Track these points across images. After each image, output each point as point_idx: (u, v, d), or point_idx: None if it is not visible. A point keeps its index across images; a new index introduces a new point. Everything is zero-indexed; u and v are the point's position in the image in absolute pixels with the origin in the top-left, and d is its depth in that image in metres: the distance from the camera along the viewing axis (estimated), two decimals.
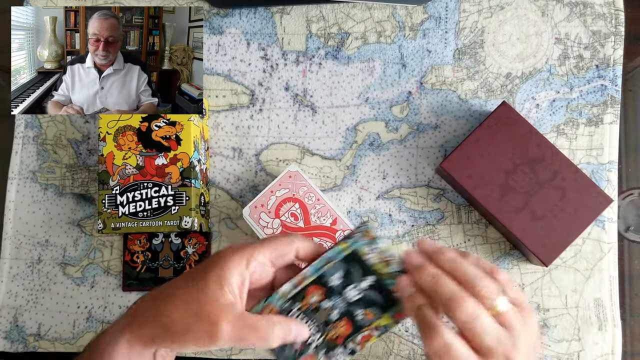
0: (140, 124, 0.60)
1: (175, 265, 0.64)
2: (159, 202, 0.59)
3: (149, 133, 0.60)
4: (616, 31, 0.65)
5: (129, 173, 0.59)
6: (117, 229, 0.59)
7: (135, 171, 0.59)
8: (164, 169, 0.59)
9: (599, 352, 0.62)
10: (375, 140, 0.66)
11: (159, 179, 0.59)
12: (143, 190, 0.59)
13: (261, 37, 0.68)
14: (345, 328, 0.45)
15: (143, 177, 0.59)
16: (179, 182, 0.59)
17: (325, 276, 0.46)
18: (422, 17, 0.67)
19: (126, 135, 0.60)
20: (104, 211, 0.59)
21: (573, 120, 0.65)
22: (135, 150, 0.60)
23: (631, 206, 0.65)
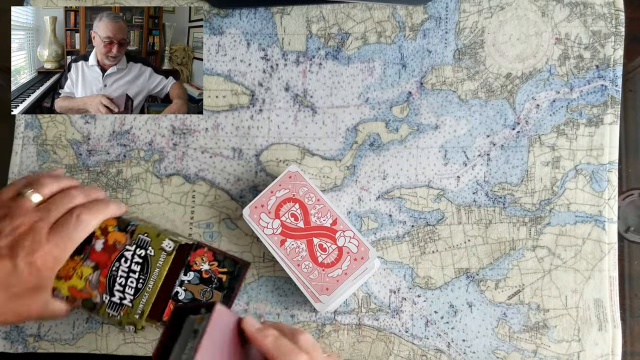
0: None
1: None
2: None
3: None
4: (616, 31, 0.65)
5: (95, 282, 0.58)
6: (140, 319, 0.58)
7: (95, 280, 0.58)
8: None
9: (599, 353, 0.62)
10: (375, 140, 0.66)
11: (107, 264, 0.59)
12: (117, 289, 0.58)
13: (261, 37, 0.68)
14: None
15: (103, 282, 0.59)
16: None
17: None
18: (422, 17, 0.67)
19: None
20: (117, 319, 0.57)
21: (573, 121, 0.65)
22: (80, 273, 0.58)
23: (631, 207, 0.65)
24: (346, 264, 0.59)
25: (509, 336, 0.63)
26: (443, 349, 0.63)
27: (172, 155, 0.67)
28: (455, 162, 0.65)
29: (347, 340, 0.64)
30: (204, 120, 0.67)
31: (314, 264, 0.60)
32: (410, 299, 0.64)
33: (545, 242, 0.64)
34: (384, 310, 0.64)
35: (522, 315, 0.63)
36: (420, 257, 0.64)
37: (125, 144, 0.67)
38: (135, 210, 0.66)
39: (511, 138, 0.65)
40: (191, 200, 0.67)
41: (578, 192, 0.64)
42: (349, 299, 0.64)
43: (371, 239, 0.65)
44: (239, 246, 0.65)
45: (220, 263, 0.61)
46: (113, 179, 0.67)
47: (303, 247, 0.60)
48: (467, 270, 0.64)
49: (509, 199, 0.64)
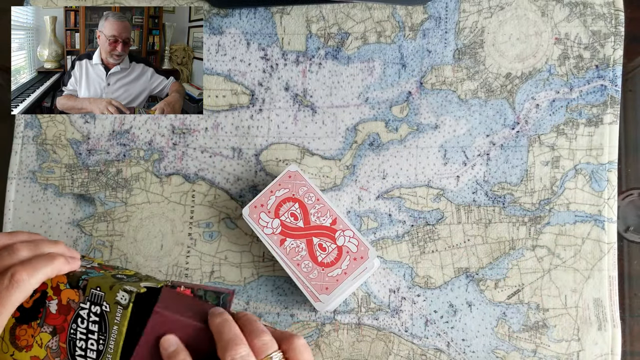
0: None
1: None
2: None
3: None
4: (616, 31, 0.65)
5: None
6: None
7: (55, 346, 0.52)
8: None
9: (598, 352, 0.62)
10: (375, 140, 0.66)
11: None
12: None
13: (261, 37, 0.68)
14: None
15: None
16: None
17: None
18: (422, 17, 0.67)
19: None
20: None
21: (573, 121, 0.65)
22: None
23: (631, 206, 0.66)
24: (346, 264, 0.59)
25: (509, 335, 0.63)
26: (443, 349, 0.63)
27: (171, 154, 0.67)
28: (454, 161, 0.65)
29: (347, 339, 0.64)
30: (204, 120, 0.67)
31: (313, 264, 0.60)
32: (410, 299, 0.64)
33: (544, 241, 0.64)
34: (384, 309, 0.64)
35: (522, 315, 0.63)
36: (419, 257, 0.64)
37: (125, 144, 0.68)
38: (135, 210, 0.66)
39: (511, 138, 0.65)
40: (191, 199, 0.67)
41: (577, 192, 0.64)
42: (348, 298, 0.64)
43: (371, 238, 0.65)
44: (238, 246, 0.66)
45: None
46: (113, 178, 0.67)
47: (303, 247, 0.60)
48: (467, 270, 0.64)
49: (508, 198, 0.64)
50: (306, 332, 0.64)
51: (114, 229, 0.66)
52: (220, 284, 0.65)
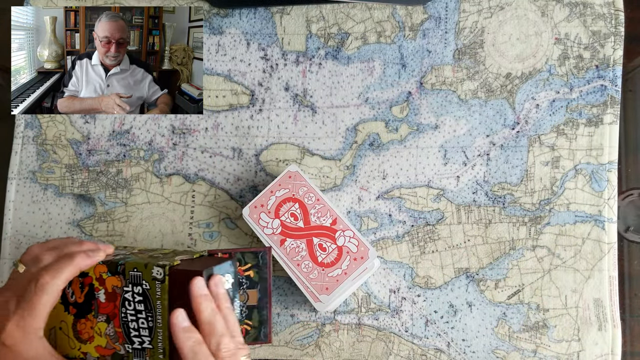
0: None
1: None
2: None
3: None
4: (616, 31, 0.65)
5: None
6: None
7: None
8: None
9: (598, 353, 0.62)
10: (375, 140, 0.66)
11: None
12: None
13: (261, 37, 0.68)
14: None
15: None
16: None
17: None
18: (422, 17, 0.67)
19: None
20: None
21: (573, 121, 0.65)
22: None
23: (631, 206, 0.66)
24: (346, 264, 0.59)
25: (509, 336, 0.63)
26: (443, 349, 0.63)
27: (171, 155, 0.67)
28: (455, 162, 0.65)
29: (347, 339, 0.64)
30: (204, 120, 0.67)
31: (313, 264, 0.60)
32: (410, 299, 0.64)
33: (544, 241, 0.64)
34: (384, 309, 0.64)
35: (522, 315, 0.63)
36: (420, 257, 0.64)
37: (125, 144, 0.68)
38: (135, 210, 0.66)
39: (511, 138, 0.65)
40: (191, 200, 0.67)
41: (578, 192, 0.64)
42: (348, 298, 0.64)
43: (371, 238, 0.65)
44: (238, 246, 0.66)
45: (240, 262, 0.57)
46: (113, 178, 0.67)
47: (303, 247, 0.60)
48: (467, 270, 0.64)
49: (508, 198, 0.64)
50: (306, 332, 0.64)
51: (114, 229, 0.66)
52: None
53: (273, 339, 0.64)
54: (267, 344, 0.63)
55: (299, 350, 0.64)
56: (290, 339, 0.64)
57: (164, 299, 0.50)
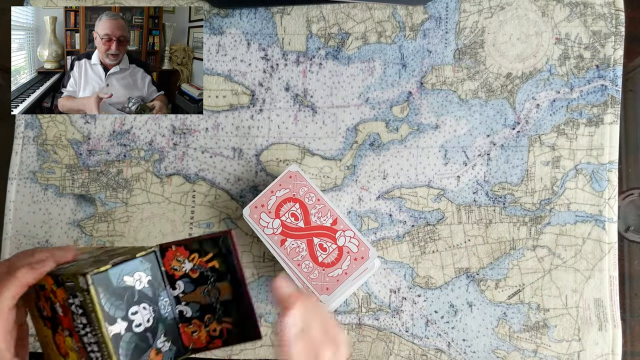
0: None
1: None
2: None
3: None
4: (616, 31, 0.66)
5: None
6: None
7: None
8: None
9: (599, 352, 0.62)
10: (375, 140, 0.66)
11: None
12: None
13: (261, 37, 0.68)
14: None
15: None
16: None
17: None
18: (422, 17, 0.67)
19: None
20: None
21: (573, 121, 0.65)
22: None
23: (631, 206, 0.66)
24: (346, 264, 0.59)
25: (509, 336, 0.63)
26: (443, 349, 0.63)
27: (172, 155, 0.67)
28: (455, 161, 0.65)
29: (348, 339, 0.64)
30: (204, 120, 0.67)
31: (314, 264, 0.60)
32: (411, 299, 0.64)
33: (545, 241, 0.64)
34: (384, 309, 0.64)
35: (522, 315, 0.63)
36: (420, 257, 0.64)
37: (126, 144, 0.68)
38: (136, 210, 0.67)
39: (511, 138, 0.65)
40: (191, 200, 0.67)
41: (578, 192, 0.64)
42: (349, 298, 0.64)
43: (371, 238, 0.65)
44: (239, 246, 0.66)
45: (200, 252, 0.49)
46: (113, 178, 0.67)
47: (303, 247, 0.60)
48: (467, 270, 0.64)
49: (509, 198, 0.65)
50: None
51: (115, 229, 0.67)
52: None
53: (273, 339, 0.64)
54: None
55: None
56: None
57: (96, 310, 0.44)
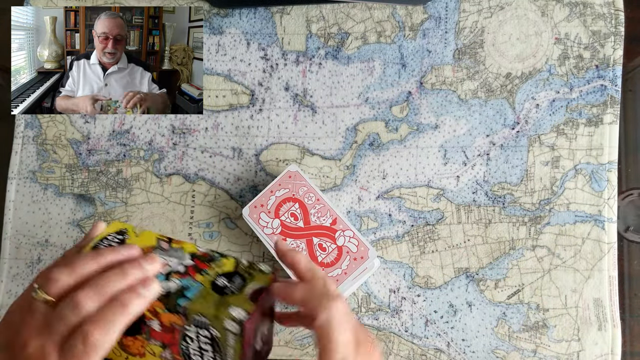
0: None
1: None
2: None
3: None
4: (616, 31, 0.66)
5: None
6: None
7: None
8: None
9: (598, 352, 0.62)
10: (375, 140, 0.67)
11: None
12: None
13: (261, 37, 0.69)
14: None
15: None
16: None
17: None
18: (422, 17, 0.68)
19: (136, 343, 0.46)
20: None
21: (573, 121, 0.65)
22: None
23: (631, 206, 0.66)
24: (346, 264, 0.60)
25: (509, 336, 0.63)
26: (443, 349, 0.63)
27: (172, 154, 0.68)
28: (454, 161, 0.66)
29: None
30: (204, 120, 0.68)
31: None
32: (410, 299, 0.64)
33: (544, 241, 0.64)
34: (384, 309, 0.64)
35: (522, 315, 0.63)
36: (419, 257, 0.65)
37: (125, 144, 0.68)
38: (135, 210, 0.67)
39: (511, 138, 0.65)
40: (191, 199, 0.67)
41: (577, 192, 0.64)
42: (348, 298, 0.65)
43: (371, 238, 0.65)
44: (238, 246, 0.66)
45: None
46: (113, 178, 0.67)
47: (303, 247, 0.61)
48: (467, 270, 0.64)
49: (508, 198, 0.65)
50: (306, 332, 0.64)
51: None
52: None
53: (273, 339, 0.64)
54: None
55: (299, 350, 0.64)
56: (290, 339, 0.64)
57: (237, 347, 0.43)
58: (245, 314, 0.43)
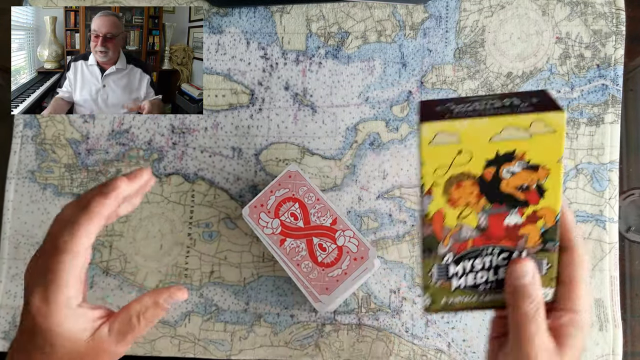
0: (484, 170, 0.41)
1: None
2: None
3: (497, 182, 0.42)
4: (617, 30, 0.66)
5: (467, 236, 0.44)
6: (450, 305, 0.46)
7: (475, 234, 0.44)
8: (518, 229, 0.43)
9: (599, 353, 0.63)
10: (375, 139, 0.67)
11: (510, 243, 0.43)
12: (486, 257, 0.44)
13: (261, 36, 0.69)
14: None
15: (486, 241, 0.44)
16: (539, 247, 0.43)
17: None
18: (422, 16, 0.69)
19: (463, 186, 0.42)
20: (432, 285, 0.45)
21: (574, 120, 0.66)
22: (476, 205, 0.43)
23: (632, 206, 0.67)
24: (346, 264, 0.60)
25: None
26: (443, 349, 0.64)
27: (171, 154, 0.68)
28: None
29: (347, 340, 0.65)
30: (204, 120, 0.68)
31: (313, 264, 0.61)
32: (411, 299, 0.65)
33: None
34: (384, 310, 0.65)
35: None
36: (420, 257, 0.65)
37: (125, 143, 0.69)
38: (135, 210, 0.67)
39: None
40: (190, 199, 0.68)
41: (579, 192, 0.65)
42: (349, 298, 0.65)
43: (371, 238, 0.66)
44: (238, 246, 0.67)
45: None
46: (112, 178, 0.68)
47: (303, 247, 0.61)
48: None
49: None
50: (306, 332, 0.65)
51: (113, 228, 0.68)
52: (219, 284, 0.66)
53: (273, 339, 0.65)
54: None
55: (299, 351, 0.65)
56: (290, 339, 0.65)
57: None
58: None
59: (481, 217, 0.43)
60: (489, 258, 0.44)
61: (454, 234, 0.43)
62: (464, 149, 0.41)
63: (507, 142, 0.40)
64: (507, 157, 0.41)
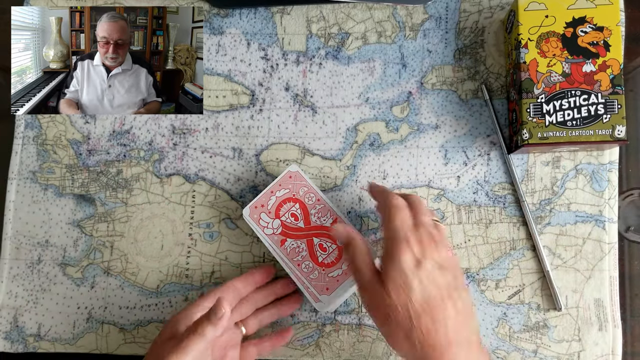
0: (564, 30, 0.61)
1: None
2: (589, 110, 0.61)
3: (574, 38, 0.61)
4: None
5: (555, 81, 0.61)
6: (545, 138, 0.61)
7: (561, 78, 0.61)
8: (593, 76, 0.61)
9: (599, 353, 0.65)
10: (375, 140, 0.70)
11: (588, 87, 0.61)
12: (571, 98, 0.61)
13: (261, 37, 0.72)
14: None
15: (570, 85, 0.61)
16: (610, 90, 0.61)
17: None
18: (422, 17, 0.71)
19: (550, 42, 0.61)
20: (529, 120, 0.61)
21: None
22: (561, 56, 0.61)
23: (631, 206, 0.69)
24: (346, 264, 0.62)
25: (509, 336, 0.66)
26: None
27: (172, 155, 0.71)
28: (455, 161, 0.69)
29: (347, 340, 0.67)
30: (204, 120, 0.71)
31: (314, 264, 0.63)
32: None
33: (545, 241, 0.67)
34: None
35: (523, 315, 0.66)
36: None
37: (125, 144, 0.71)
38: (136, 210, 0.70)
39: None
40: (191, 200, 0.70)
41: (578, 192, 0.68)
42: (349, 298, 0.68)
43: (371, 238, 0.68)
44: (239, 246, 0.69)
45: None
46: (113, 178, 0.71)
47: (303, 247, 0.63)
48: (468, 270, 0.67)
49: (509, 198, 0.68)
50: (307, 332, 0.67)
51: (115, 229, 0.70)
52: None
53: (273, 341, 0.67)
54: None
55: (299, 351, 0.67)
56: (290, 339, 0.67)
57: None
58: None
59: (565, 65, 0.61)
60: (573, 99, 0.61)
61: (544, 78, 0.61)
62: (550, 14, 0.61)
63: (580, 10, 0.61)
64: (580, 21, 0.61)
